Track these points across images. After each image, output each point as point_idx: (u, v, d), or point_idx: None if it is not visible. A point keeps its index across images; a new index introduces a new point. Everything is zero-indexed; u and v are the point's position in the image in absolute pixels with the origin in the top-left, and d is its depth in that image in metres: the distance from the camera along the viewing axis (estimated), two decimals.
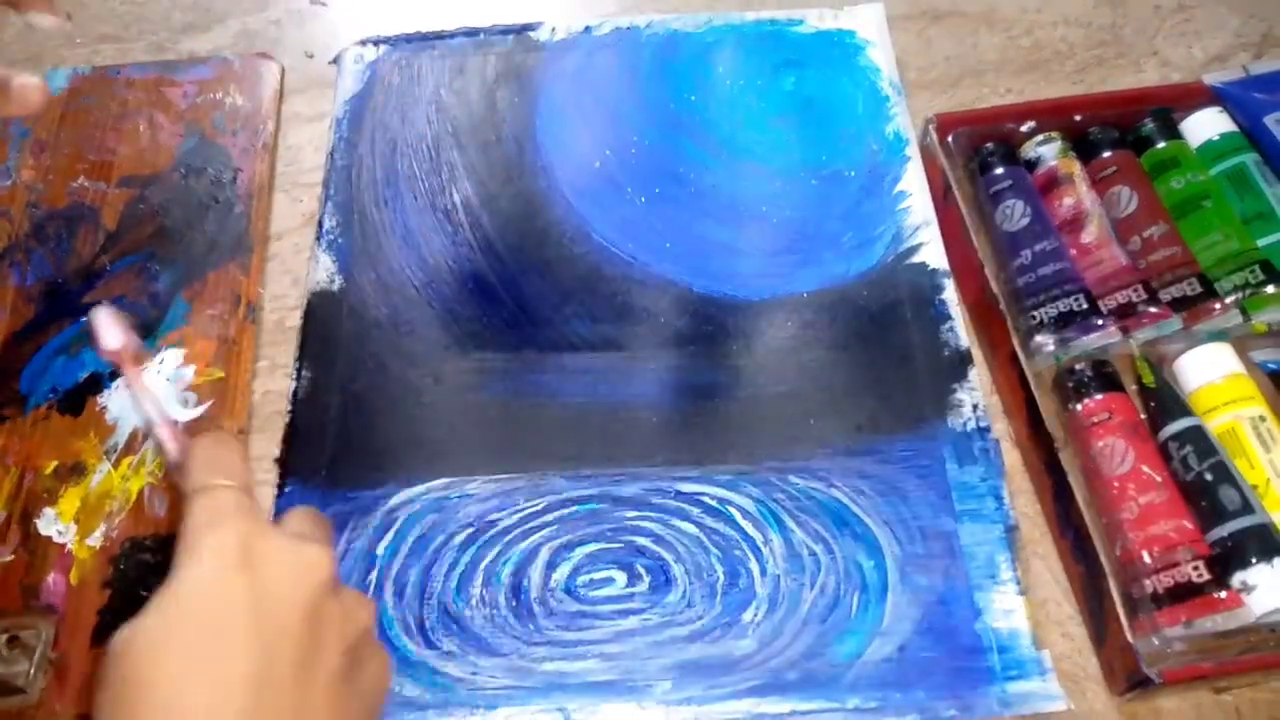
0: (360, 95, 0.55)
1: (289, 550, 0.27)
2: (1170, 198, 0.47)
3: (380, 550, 0.42)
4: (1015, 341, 0.43)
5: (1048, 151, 0.48)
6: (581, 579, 0.41)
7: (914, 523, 0.42)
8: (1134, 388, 0.43)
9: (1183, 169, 0.47)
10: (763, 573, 0.41)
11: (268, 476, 0.44)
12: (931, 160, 0.50)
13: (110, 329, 0.33)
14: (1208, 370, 0.42)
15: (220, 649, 0.25)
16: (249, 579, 0.26)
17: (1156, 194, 0.47)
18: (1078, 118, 0.49)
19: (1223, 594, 0.37)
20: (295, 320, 0.48)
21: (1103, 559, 0.38)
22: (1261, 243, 0.45)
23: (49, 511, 0.43)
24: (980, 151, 0.49)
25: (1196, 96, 0.50)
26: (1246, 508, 0.38)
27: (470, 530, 0.42)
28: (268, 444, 0.45)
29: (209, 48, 0.59)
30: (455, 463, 0.44)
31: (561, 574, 0.41)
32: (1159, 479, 0.40)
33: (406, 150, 0.53)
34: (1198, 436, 0.40)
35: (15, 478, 0.44)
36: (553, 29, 0.57)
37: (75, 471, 0.44)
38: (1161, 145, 0.48)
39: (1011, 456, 0.44)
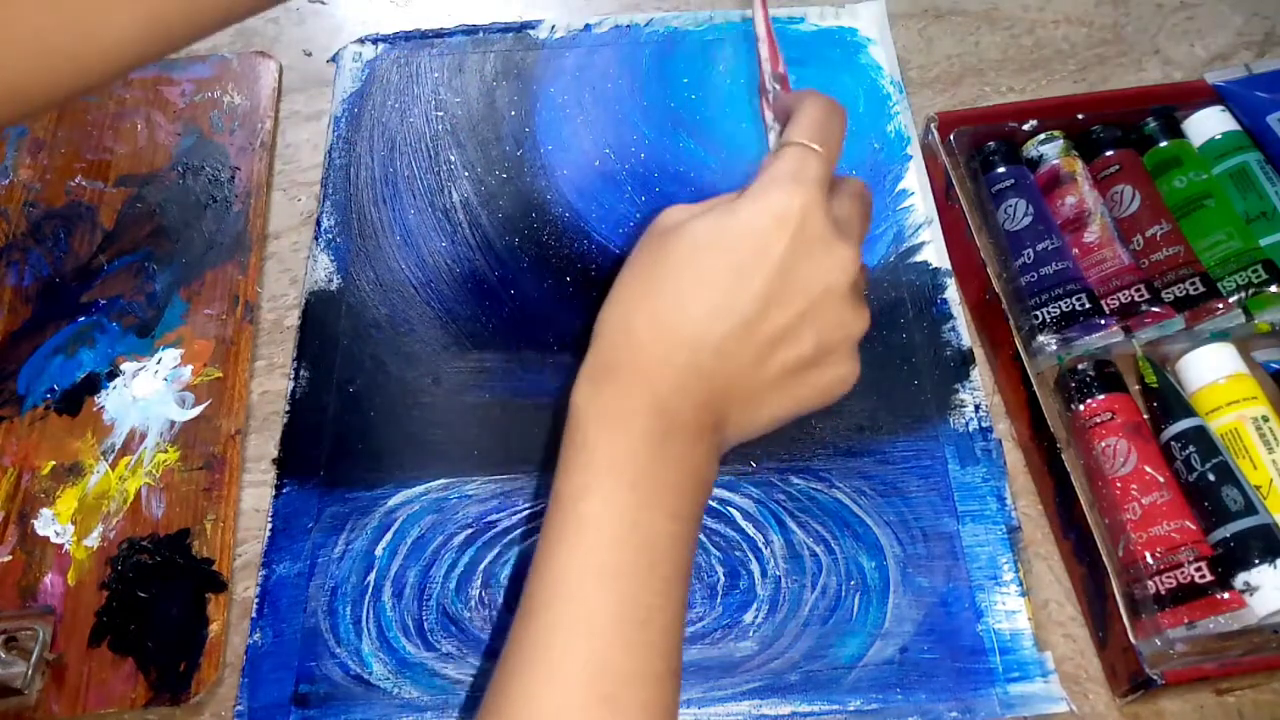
0: (359, 94, 0.55)
1: (830, 240, 0.29)
2: (1173, 197, 0.47)
3: (379, 551, 0.42)
4: (1017, 341, 0.43)
5: (1050, 150, 0.48)
6: None
7: (915, 524, 0.41)
8: (1137, 388, 0.43)
9: (1185, 168, 0.47)
10: (763, 574, 0.41)
11: (266, 477, 0.44)
12: (933, 159, 0.50)
13: None
14: (1210, 370, 0.42)
15: (736, 284, 0.29)
16: (790, 244, 0.29)
17: (1159, 193, 0.47)
18: (1080, 116, 0.49)
19: (1225, 595, 0.37)
20: (293, 320, 0.48)
21: (1105, 560, 0.38)
22: (1264, 242, 0.45)
23: (46, 512, 0.43)
24: (982, 150, 0.49)
25: (1199, 95, 0.50)
26: (1249, 508, 0.38)
27: (469, 531, 0.42)
28: (266, 444, 0.45)
29: (207, 46, 0.59)
30: (454, 463, 0.44)
31: None
32: (1161, 479, 0.39)
33: (405, 149, 0.53)
34: (1200, 437, 0.40)
35: (12, 478, 0.44)
36: (552, 27, 0.57)
37: (73, 472, 0.44)
38: (1164, 144, 0.48)
39: (1014, 457, 0.44)
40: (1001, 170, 0.48)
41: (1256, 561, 0.37)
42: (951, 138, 0.49)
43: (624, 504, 0.27)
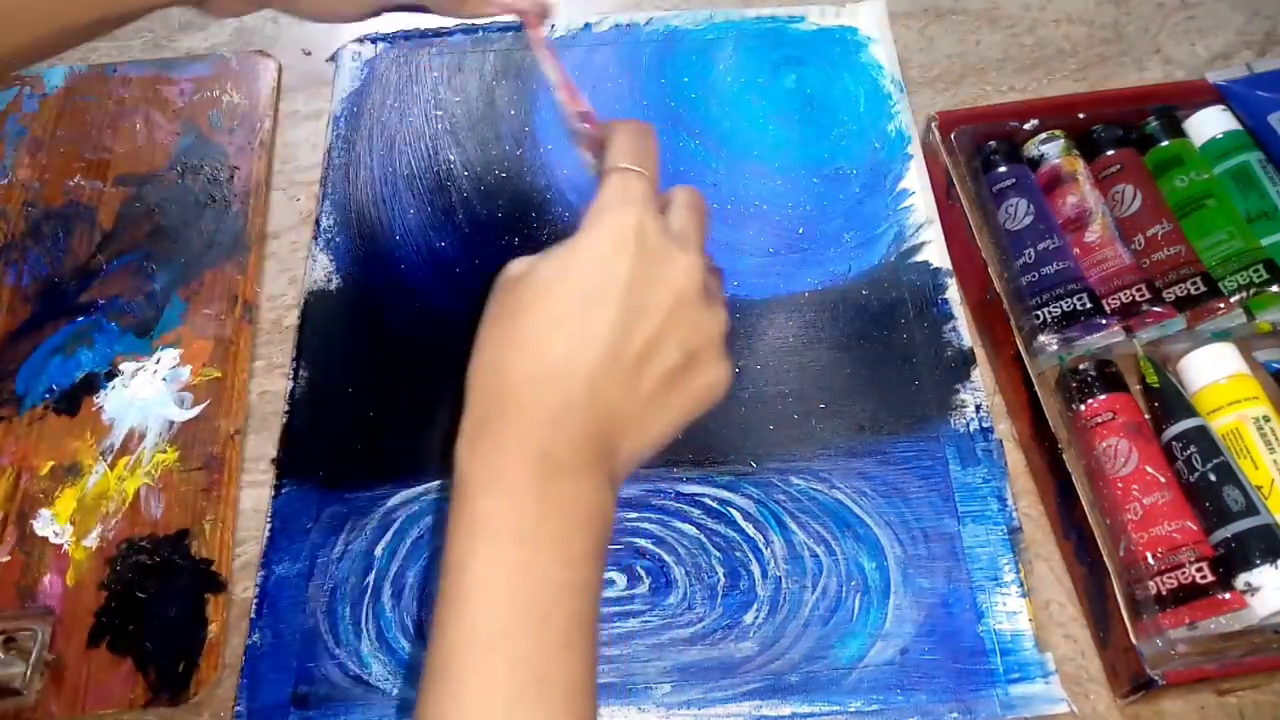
0: (358, 93, 0.55)
1: (671, 251, 0.30)
2: (1174, 196, 0.46)
3: (379, 551, 0.42)
4: (1018, 341, 0.43)
5: (1051, 150, 0.48)
6: None
7: (916, 524, 0.41)
8: (1138, 388, 0.43)
9: (1186, 167, 0.47)
10: (764, 574, 0.41)
11: (265, 477, 0.44)
12: (934, 158, 0.50)
13: None
14: (1212, 370, 0.42)
15: (591, 310, 0.29)
16: (632, 263, 0.30)
17: (1160, 193, 0.47)
18: (1081, 116, 0.49)
19: (1227, 595, 0.37)
20: (292, 319, 0.48)
21: (1106, 560, 0.38)
22: (1266, 241, 0.45)
23: (45, 512, 0.43)
24: (983, 150, 0.49)
25: (1200, 95, 0.50)
26: (1251, 509, 0.38)
27: None
28: (265, 444, 0.45)
29: (206, 45, 0.59)
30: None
31: None
32: (1163, 480, 0.39)
33: (404, 148, 0.53)
34: (1202, 437, 0.40)
35: (11, 478, 0.44)
36: (552, 26, 0.57)
37: (71, 472, 0.44)
38: (1165, 144, 0.48)
39: (1014, 457, 0.44)
40: (1002, 170, 0.48)
41: (1258, 562, 0.37)
42: (952, 137, 0.49)
43: (509, 563, 0.27)
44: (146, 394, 0.46)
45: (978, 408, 0.44)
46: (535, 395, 0.29)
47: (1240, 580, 0.37)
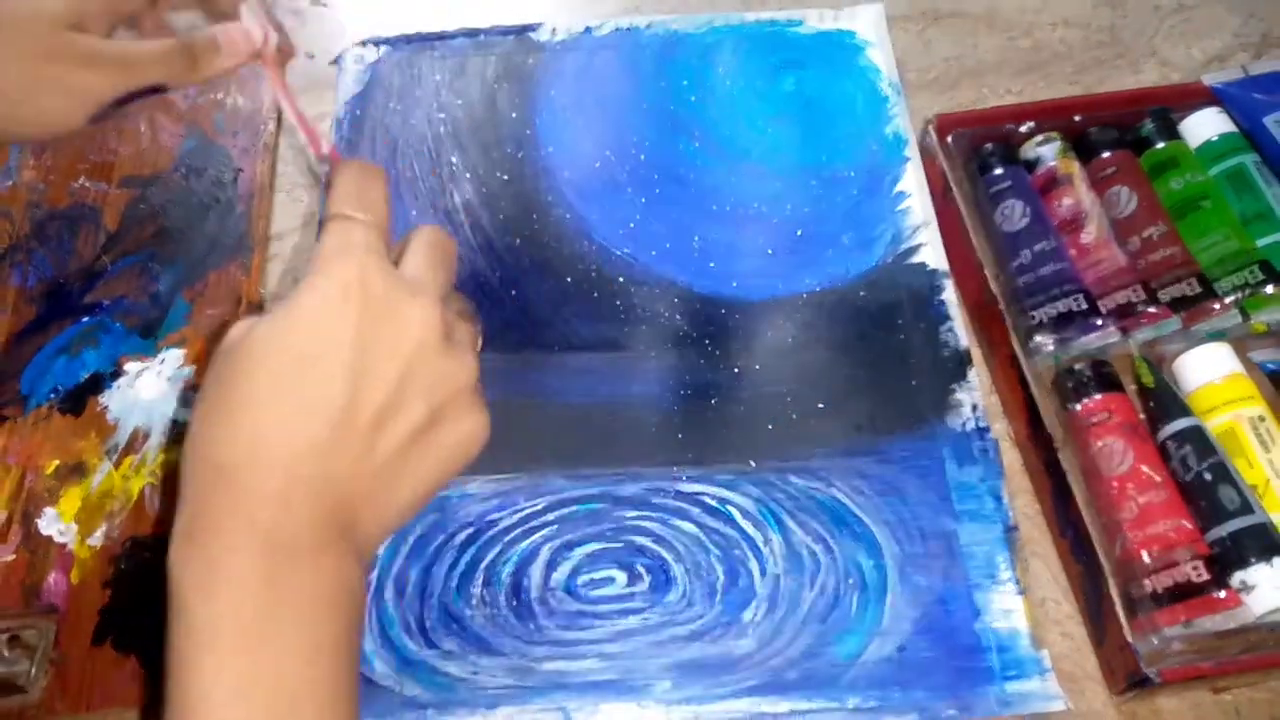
0: (361, 96, 0.55)
1: (402, 301, 0.28)
2: (1169, 198, 0.47)
3: (380, 550, 0.42)
4: (1014, 341, 0.44)
5: (1047, 152, 0.49)
6: (582, 578, 0.41)
7: (913, 523, 0.42)
8: (1133, 388, 0.43)
9: (1182, 169, 0.47)
10: (762, 572, 0.41)
11: None
12: (931, 161, 0.50)
13: (253, 25, 0.34)
14: (1207, 370, 0.42)
15: (313, 376, 0.26)
16: (358, 319, 0.27)
17: (1156, 194, 0.47)
18: (1077, 118, 0.49)
19: (1222, 594, 0.37)
20: None
21: (1102, 559, 0.38)
22: (1261, 243, 0.45)
23: (50, 511, 0.43)
24: (980, 152, 0.49)
25: (1196, 97, 0.50)
26: (1245, 507, 0.38)
27: (470, 530, 0.42)
28: None
29: None
30: None
31: (562, 573, 0.41)
32: (1158, 479, 0.40)
33: (407, 151, 0.53)
34: (1197, 436, 0.40)
35: (16, 478, 0.44)
36: (553, 30, 0.57)
37: (76, 471, 0.44)
38: (1161, 146, 0.48)
39: (1011, 456, 0.44)
40: (999, 172, 0.48)
41: (1253, 560, 0.37)
42: (949, 139, 0.49)
43: (236, 671, 0.24)
44: (151, 394, 0.46)
45: (974, 407, 0.44)
46: (253, 478, 0.25)
47: (1235, 579, 0.37)
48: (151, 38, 0.35)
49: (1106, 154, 0.48)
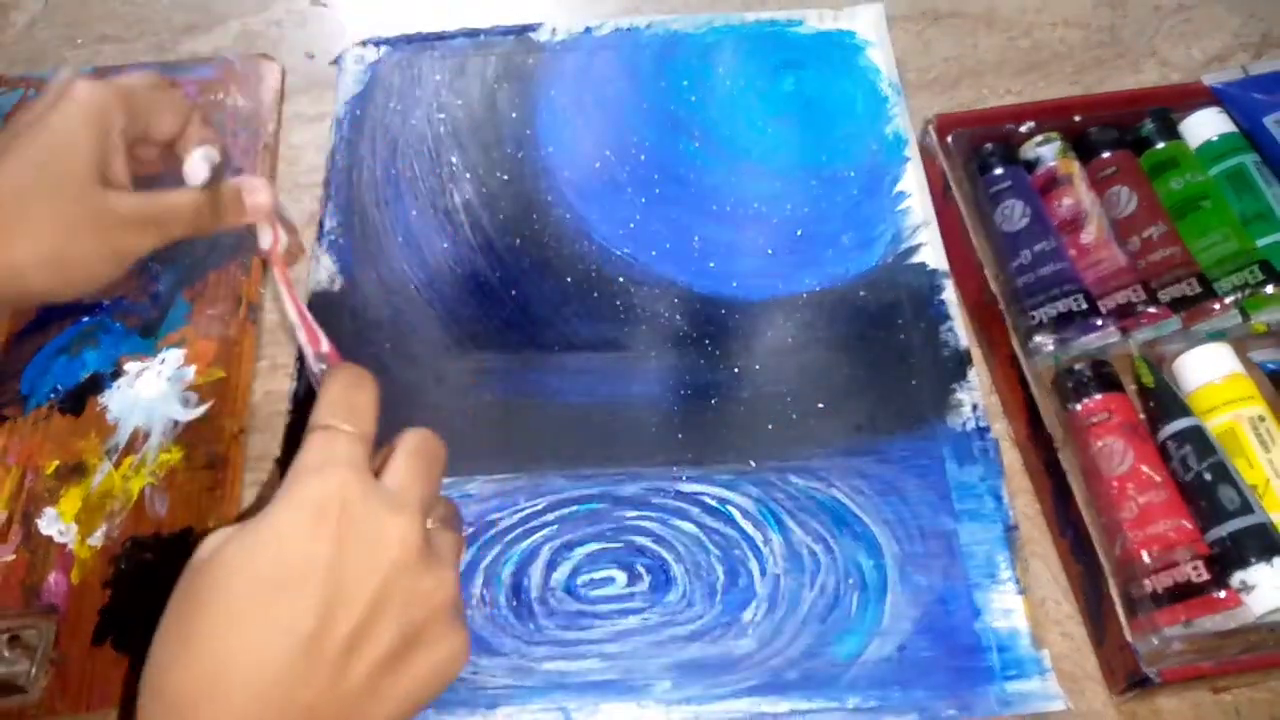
0: (361, 96, 0.55)
1: (381, 519, 0.26)
2: (1169, 198, 0.47)
3: None
4: (1014, 341, 0.44)
5: (1047, 152, 0.49)
6: (582, 578, 0.41)
7: (913, 522, 0.42)
8: (1133, 388, 0.43)
9: (1182, 169, 0.47)
10: (762, 572, 0.41)
11: (268, 477, 0.44)
12: (931, 161, 0.50)
13: (265, 230, 0.35)
14: (1207, 370, 0.42)
15: (283, 602, 0.25)
16: (332, 540, 0.26)
17: (1156, 194, 0.47)
18: (1077, 118, 0.49)
19: (1222, 594, 0.37)
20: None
21: (1102, 559, 0.38)
22: (1261, 243, 0.45)
23: (50, 511, 0.43)
24: (980, 152, 0.49)
25: (1196, 97, 0.50)
26: (1245, 507, 0.38)
27: (470, 530, 0.42)
28: (268, 444, 0.45)
29: (210, 48, 0.59)
30: (455, 463, 0.43)
31: (562, 573, 0.41)
32: (1158, 479, 0.40)
33: (407, 151, 0.53)
34: (1197, 436, 0.40)
35: (16, 478, 0.44)
36: (553, 30, 0.57)
37: (76, 471, 0.44)
38: (1161, 146, 0.48)
39: (1011, 456, 0.44)
40: (999, 172, 0.48)
41: (1253, 560, 0.37)
42: (949, 139, 0.49)
43: None
44: (151, 394, 0.46)
45: (974, 407, 0.44)
46: (213, 708, 0.24)
47: (1235, 579, 0.37)
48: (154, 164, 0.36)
49: (1106, 154, 0.48)
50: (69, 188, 0.32)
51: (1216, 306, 0.43)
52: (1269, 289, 0.43)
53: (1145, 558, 0.38)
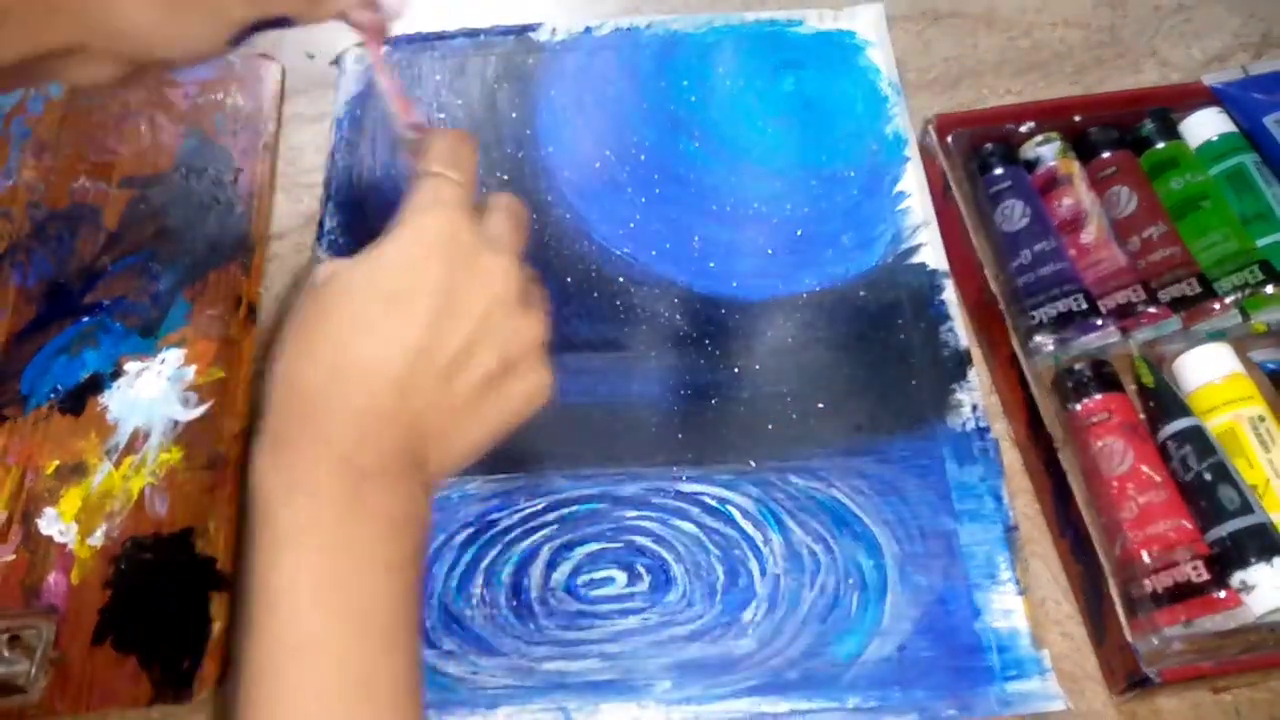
0: (361, 95, 0.55)
1: (484, 256, 0.29)
2: (1169, 198, 0.47)
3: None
4: (1014, 341, 0.44)
5: (1047, 152, 0.49)
6: (582, 578, 0.41)
7: (913, 522, 0.42)
8: (1133, 388, 0.43)
9: (1182, 169, 0.47)
10: (762, 572, 0.41)
11: None
12: (931, 161, 0.50)
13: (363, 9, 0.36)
14: (1207, 370, 0.42)
15: (397, 316, 0.28)
16: (442, 267, 0.28)
17: (1156, 194, 0.47)
18: (1077, 118, 0.49)
19: (1222, 594, 0.37)
20: None
21: (1102, 559, 0.38)
22: (1261, 243, 0.45)
23: (50, 511, 0.43)
24: (979, 152, 0.49)
25: (1196, 97, 0.50)
26: (1246, 507, 0.38)
27: (470, 530, 0.42)
28: None
29: None
30: None
31: (562, 573, 0.41)
32: (1158, 479, 0.40)
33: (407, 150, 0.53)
34: (1197, 436, 0.40)
35: (16, 477, 0.44)
36: (553, 30, 0.57)
37: (76, 471, 0.44)
38: (1161, 146, 0.48)
39: (1011, 456, 0.44)
40: (999, 172, 0.48)
41: (1253, 560, 0.37)
42: (949, 139, 0.49)
43: (317, 568, 0.26)
44: (151, 394, 0.46)
45: (974, 407, 0.44)
46: (340, 405, 0.27)
47: (1235, 579, 0.37)
48: None
49: (1106, 154, 0.48)
50: None
51: (1216, 306, 0.43)
52: (1269, 289, 0.43)
53: (1145, 558, 0.38)
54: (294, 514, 0.27)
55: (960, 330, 0.46)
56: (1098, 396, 0.42)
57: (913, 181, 0.50)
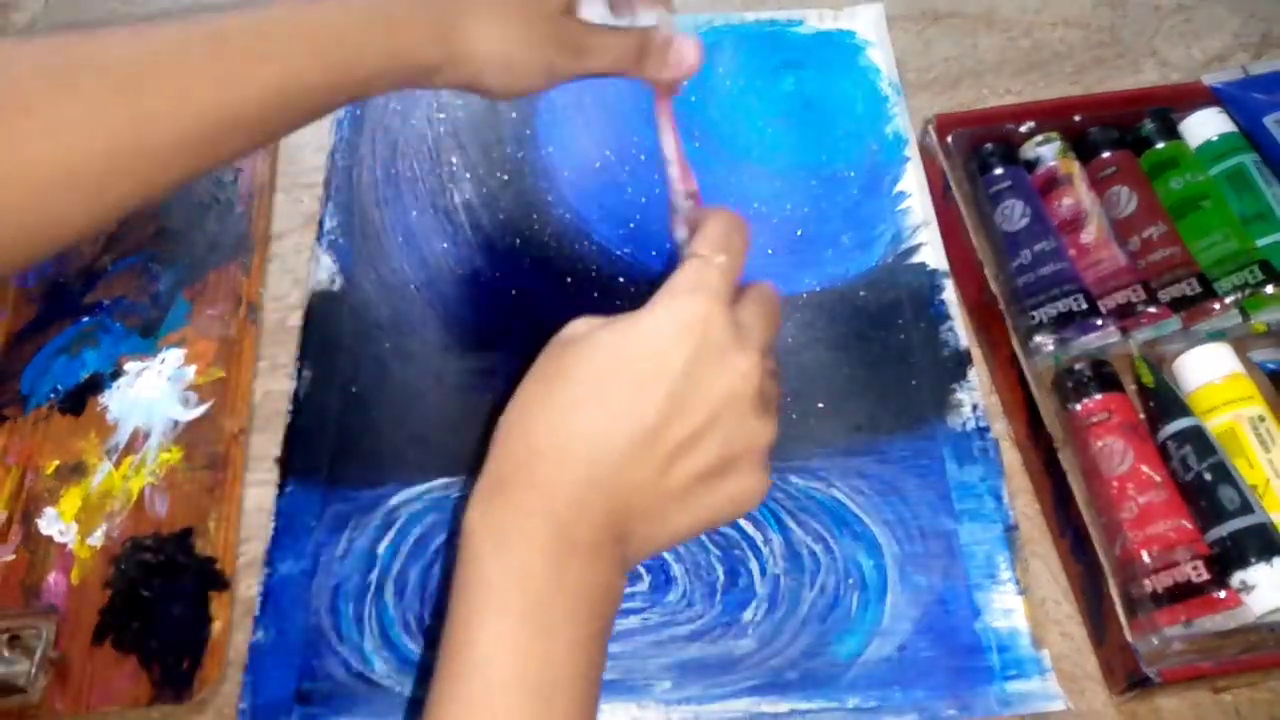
0: None
1: (733, 349, 0.29)
2: (1169, 198, 0.47)
3: (381, 550, 0.42)
4: (1014, 341, 0.44)
5: (1047, 152, 0.49)
6: None
7: (913, 522, 0.42)
8: (1133, 388, 0.43)
9: (1182, 169, 0.47)
10: (762, 572, 0.41)
11: (269, 476, 0.44)
12: (931, 161, 0.50)
13: (689, 45, 0.36)
14: (1207, 370, 0.42)
15: (634, 393, 0.28)
16: (689, 355, 0.28)
17: (1156, 194, 0.47)
18: (1077, 118, 0.49)
19: (1222, 594, 0.37)
20: (296, 320, 0.48)
21: (1102, 559, 0.38)
22: (1261, 243, 0.45)
23: (50, 511, 0.43)
24: (980, 152, 0.49)
25: (1196, 97, 0.50)
26: (1245, 507, 0.38)
27: None
28: (268, 444, 0.45)
29: None
30: (456, 462, 0.44)
31: None
32: (1158, 479, 0.40)
33: (407, 150, 0.53)
34: (1197, 436, 0.40)
35: (16, 477, 0.44)
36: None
37: (76, 471, 0.44)
38: (1161, 146, 0.48)
39: (1011, 456, 0.44)
40: (999, 172, 0.48)
41: (1253, 560, 0.37)
42: (949, 139, 0.49)
43: (517, 640, 0.26)
44: (151, 394, 0.46)
45: (974, 407, 0.44)
46: (562, 468, 0.28)
47: (1235, 578, 0.37)
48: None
49: (1106, 154, 0.48)
50: (544, 6, 0.34)
51: (1216, 306, 0.43)
52: (1269, 289, 0.43)
53: (1145, 558, 0.38)
54: (501, 566, 0.27)
55: (960, 330, 0.46)
56: (1098, 396, 0.42)
57: (913, 181, 0.50)
